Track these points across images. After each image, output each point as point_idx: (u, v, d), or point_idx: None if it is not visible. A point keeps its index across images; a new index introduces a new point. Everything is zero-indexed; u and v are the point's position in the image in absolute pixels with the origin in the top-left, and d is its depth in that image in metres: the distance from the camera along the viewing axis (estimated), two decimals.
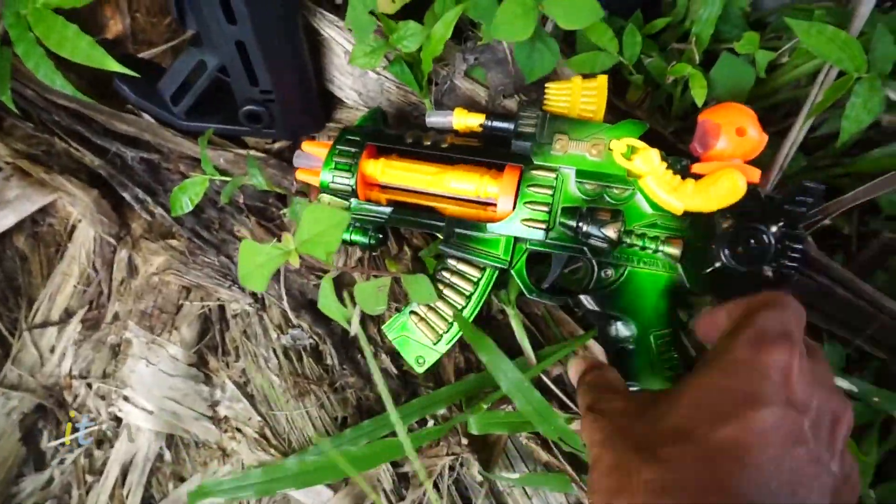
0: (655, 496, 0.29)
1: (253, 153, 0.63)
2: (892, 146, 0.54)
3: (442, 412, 0.58)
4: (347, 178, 0.51)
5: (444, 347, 0.52)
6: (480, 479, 0.59)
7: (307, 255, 0.42)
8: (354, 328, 0.61)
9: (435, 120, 0.53)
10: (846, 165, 0.56)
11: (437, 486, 0.59)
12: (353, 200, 0.52)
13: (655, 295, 0.46)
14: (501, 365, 0.50)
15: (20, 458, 0.66)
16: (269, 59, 0.55)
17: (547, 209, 0.48)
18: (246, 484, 0.57)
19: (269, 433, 0.63)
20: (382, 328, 0.53)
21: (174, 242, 0.65)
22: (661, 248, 0.46)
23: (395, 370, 0.61)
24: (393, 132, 0.55)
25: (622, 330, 0.47)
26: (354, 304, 0.45)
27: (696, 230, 0.46)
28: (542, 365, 0.54)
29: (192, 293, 0.66)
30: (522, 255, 0.50)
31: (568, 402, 0.54)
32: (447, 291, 0.52)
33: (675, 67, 0.53)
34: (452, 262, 0.52)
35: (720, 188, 0.43)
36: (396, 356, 0.60)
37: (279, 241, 0.42)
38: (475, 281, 0.51)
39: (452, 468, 0.59)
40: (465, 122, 0.52)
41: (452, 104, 0.58)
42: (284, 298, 0.61)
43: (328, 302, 0.45)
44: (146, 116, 0.63)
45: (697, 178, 0.45)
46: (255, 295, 0.64)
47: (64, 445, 0.66)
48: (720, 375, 0.32)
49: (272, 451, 0.62)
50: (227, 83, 0.58)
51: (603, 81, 0.49)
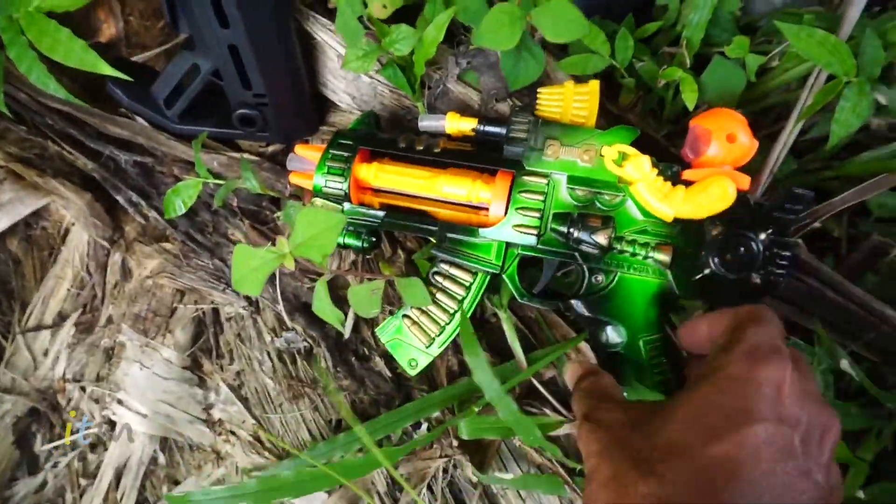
0: None
1: (247, 157, 0.63)
2: (881, 149, 0.54)
3: (436, 415, 0.58)
4: (340, 181, 0.51)
5: (436, 351, 0.52)
6: (475, 480, 0.59)
7: (302, 257, 0.42)
8: (348, 331, 0.61)
9: (427, 124, 0.53)
10: (836, 168, 0.56)
11: (431, 488, 0.59)
12: (345, 204, 0.53)
13: (645, 301, 0.47)
14: (485, 375, 0.50)
15: (13, 461, 0.66)
16: (262, 62, 0.55)
17: (538, 215, 0.48)
18: (241, 493, 0.56)
19: (263, 436, 0.63)
20: (376, 331, 0.54)
21: (168, 246, 0.65)
22: (651, 254, 0.46)
23: (388, 373, 0.61)
24: (386, 136, 0.55)
25: (612, 335, 0.47)
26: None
27: (686, 237, 0.46)
28: (532, 368, 0.54)
29: (186, 296, 0.66)
30: (514, 260, 0.50)
31: (559, 405, 0.54)
32: (439, 296, 0.52)
33: (666, 71, 0.53)
34: (445, 266, 0.52)
35: (710, 196, 0.43)
36: (390, 359, 0.60)
37: (273, 244, 0.42)
38: (467, 285, 0.52)
39: (446, 470, 0.59)
40: (457, 126, 0.52)
41: (445, 108, 0.58)
42: (279, 302, 0.61)
43: (322, 305, 0.46)
44: (139, 120, 0.63)
45: (688, 184, 0.45)
46: (249, 298, 0.64)
47: (57, 449, 0.66)
48: (714, 391, 0.32)
49: (266, 454, 0.62)
50: (220, 87, 0.58)
51: (595, 87, 0.49)
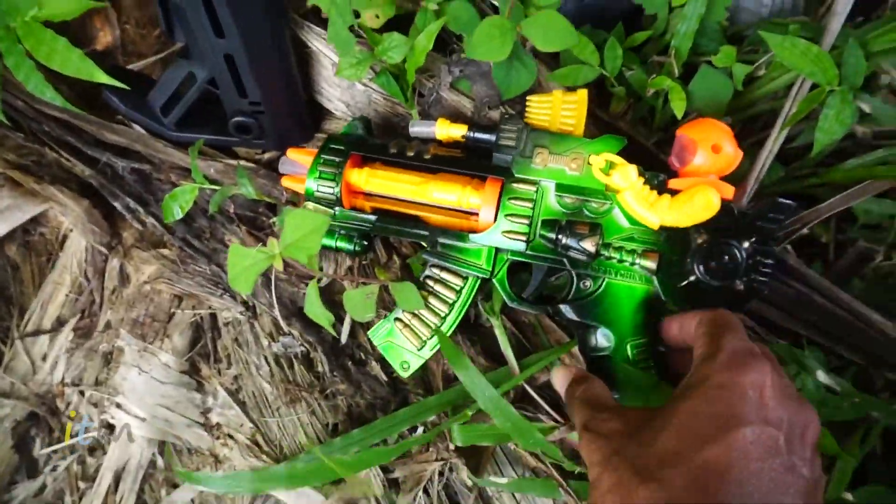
0: None
1: (243, 163, 0.63)
2: (866, 156, 0.55)
3: (431, 419, 0.59)
4: (332, 186, 0.52)
5: (427, 353, 0.53)
6: (470, 484, 0.60)
7: (291, 259, 0.43)
8: (345, 335, 0.62)
9: (418, 129, 0.54)
10: (822, 175, 0.57)
11: (427, 491, 0.60)
12: (337, 208, 0.53)
13: (632, 306, 0.48)
14: (477, 382, 0.51)
15: (13, 465, 0.66)
16: (257, 71, 0.55)
17: (527, 221, 0.49)
18: (238, 482, 0.58)
19: (260, 440, 0.63)
20: (368, 334, 0.54)
21: (165, 251, 0.66)
22: (637, 261, 0.47)
23: (385, 377, 0.62)
24: (377, 141, 0.55)
25: (601, 339, 0.48)
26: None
27: (671, 244, 0.47)
28: (525, 373, 0.54)
29: (183, 301, 0.67)
30: (504, 265, 0.51)
31: (552, 411, 0.55)
32: (431, 299, 0.53)
33: (654, 80, 0.54)
34: (436, 270, 0.53)
35: (695, 205, 0.44)
36: (386, 363, 0.61)
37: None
38: (458, 289, 0.52)
39: (442, 473, 0.60)
40: (447, 132, 0.53)
41: (438, 115, 0.59)
42: (276, 306, 0.62)
43: (314, 308, 0.46)
44: (136, 127, 0.64)
45: (674, 193, 0.46)
46: (246, 303, 0.65)
47: (57, 452, 0.67)
48: (703, 400, 0.35)
49: (264, 457, 0.63)
50: (216, 95, 0.58)
51: (583, 95, 0.50)
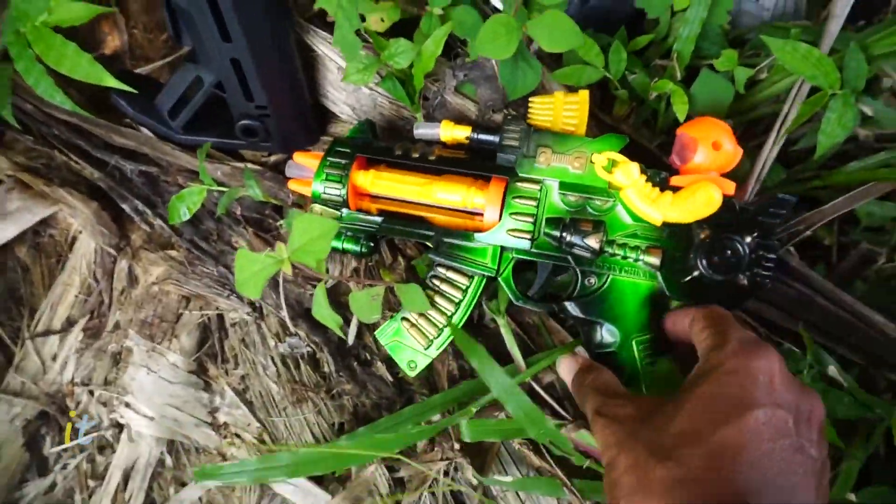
0: (671, 489, 0.33)
1: (250, 166, 0.64)
2: (868, 159, 0.56)
3: (436, 418, 0.60)
4: (338, 188, 0.53)
5: (434, 352, 0.54)
6: (475, 483, 0.60)
7: (299, 263, 0.43)
8: (351, 336, 0.62)
9: (423, 132, 0.55)
10: (825, 178, 0.57)
11: (432, 490, 0.61)
12: (344, 210, 0.54)
13: (637, 302, 0.48)
14: (492, 370, 0.52)
15: (23, 463, 0.67)
16: (263, 75, 0.56)
17: (532, 220, 0.50)
18: (242, 470, 0.58)
19: (267, 439, 0.64)
20: (375, 334, 0.55)
21: (173, 253, 0.67)
22: (641, 257, 0.48)
23: (390, 377, 0.63)
24: (382, 144, 0.56)
25: (606, 335, 0.49)
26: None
27: (674, 240, 0.48)
28: (531, 370, 0.55)
29: (191, 302, 0.67)
30: (509, 263, 0.52)
31: (559, 408, 0.55)
32: (437, 298, 0.53)
33: (657, 84, 0.55)
34: (442, 269, 0.53)
35: (697, 201, 0.45)
36: (392, 364, 0.62)
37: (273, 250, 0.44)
38: (464, 288, 0.53)
39: (447, 472, 0.61)
40: (451, 134, 0.53)
41: (443, 118, 0.59)
42: (283, 308, 0.62)
43: (321, 309, 0.47)
44: (144, 130, 0.64)
45: (676, 190, 0.47)
46: (253, 304, 0.65)
47: (66, 451, 0.67)
48: (716, 385, 0.36)
49: None
50: (223, 98, 0.59)
51: (584, 96, 0.50)
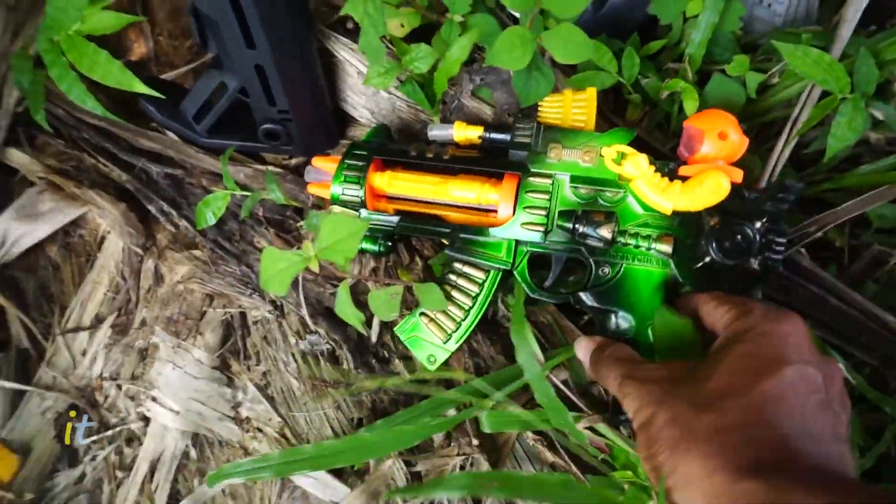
0: (716, 434, 0.35)
1: (271, 169, 0.66)
2: (879, 162, 0.56)
3: (451, 412, 0.61)
4: (356, 189, 0.54)
5: (453, 346, 0.55)
6: None
7: (326, 261, 0.44)
8: (374, 334, 0.64)
9: (437, 133, 0.56)
10: (836, 180, 0.58)
11: None
12: (362, 211, 0.56)
13: (650, 289, 0.49)
14: (528, 355, 0.52)
15: (55, 455, 0.69)
16: (285, 81, 0.58)
17: (545, 213, 0.51)
18: (264, 465, 0.58)
19: (288, 433, 0.66)
20: (394, 329, 0.56)
21: (198, 253, 0.69)
22: (653, 245, 0.49)
23: (408, 374, 0.64)
24: (397, 146, 0.57)
25: (621, 323, 0.50)
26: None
27: (685, 228, 0.48)
28: (550, 363, 0.55)
29: (215, 300, 0.69)
30: (524, 256, 0.53)
31: (577, 400, 0.56)
32: (454, 293, 0.54)
33: (669, 83, 0.56)
34: (458, 265, 0.55)
35: (705, 188, 0.46)
36: (409, 361, 0.63)
37: (300, 248, 0.45)
38: (481, 282, 0.54)
39: (463, 467, 0.62)
40: (464, 134, 0.54)
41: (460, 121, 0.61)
42: (303, 306, 0.64)
43: (344, 307, 0.48)
44: (170, 134, 0.67)
45: (684, 179, 0.48)
46: (274, 302, 0.67)
47: (96, 443, 0.70)
48: (751, 346, 0.39)
49: None
50: (246, 103, 0.61)
51: (592, 93, 0.52)
